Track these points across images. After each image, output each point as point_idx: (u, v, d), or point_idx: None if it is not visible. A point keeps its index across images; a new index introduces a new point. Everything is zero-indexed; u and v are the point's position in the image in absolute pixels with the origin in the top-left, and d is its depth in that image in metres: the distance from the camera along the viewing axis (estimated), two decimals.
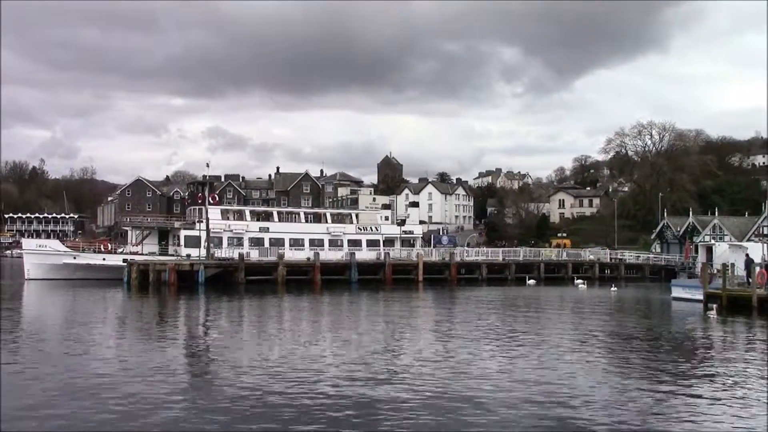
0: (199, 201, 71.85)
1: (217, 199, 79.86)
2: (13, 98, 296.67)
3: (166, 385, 20.31)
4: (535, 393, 19.38)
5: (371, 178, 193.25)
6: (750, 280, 42.40)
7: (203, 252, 65.70)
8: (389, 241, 77.26)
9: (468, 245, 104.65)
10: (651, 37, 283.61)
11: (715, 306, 40.00)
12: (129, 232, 73.04)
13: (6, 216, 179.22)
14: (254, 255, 68.33)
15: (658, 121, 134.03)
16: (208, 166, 76.27)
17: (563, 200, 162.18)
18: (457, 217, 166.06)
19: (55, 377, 21.30)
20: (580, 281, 66.66)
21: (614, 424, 16.46)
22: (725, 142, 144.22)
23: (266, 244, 70.92)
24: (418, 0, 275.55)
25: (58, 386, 20.01)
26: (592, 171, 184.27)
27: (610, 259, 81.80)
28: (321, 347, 27.87)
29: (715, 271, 48.15)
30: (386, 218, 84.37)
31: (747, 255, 51.40)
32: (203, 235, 66.61)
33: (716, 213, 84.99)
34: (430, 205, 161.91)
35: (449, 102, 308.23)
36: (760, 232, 77.03)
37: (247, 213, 75.94)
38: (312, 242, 73.09)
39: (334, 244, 74.25)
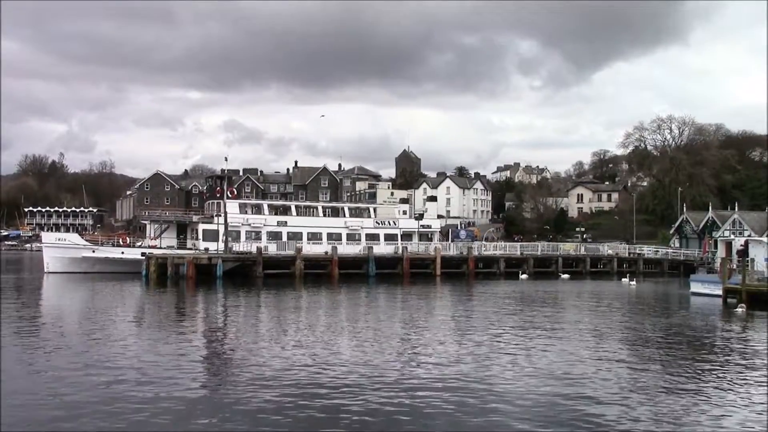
0: (218, 195, 71.97)
1: (236, 193, 79.80)
2: (29, 92, 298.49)
3: (182, 378, 20.43)
4: (560, 389, 19.38)
5: (389, 172, 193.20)
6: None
7: (221, 246, 65.90)
8: (407, 236, 77.14)
9: (486, 239, 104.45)
10: (671, 29, 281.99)
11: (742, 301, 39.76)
12: (147, 226, 73.31)
13: (25, 210, 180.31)
14: (272, 249, 68.40)
15: (677, 115, 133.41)
16: (226, 159, 76.38)
17: (582, 195, 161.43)
18: (475, 211, 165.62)
19: (69, 370, 21.46)
20: (565, 275, 68.66)
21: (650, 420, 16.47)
22: (745, 136, 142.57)
23: (284, 238, 70.97)
24: None
25: (72, 379, 20.17)
26: (610, 165, 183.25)
27: (629, 253, 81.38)
28: (339, 342, 27.91)
29: (735, 266, 47.80)
30: (404, 212, 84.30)
31: (741, 245, 51.35)
32: (221, 228, 66.81)
33: (736, 208, 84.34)
34: (448, 199, 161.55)
35: (467, 95, 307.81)
36: None
37: (265, 207, 75.98)
38: (330, 236, 73.10)
39: (352, 238, 74.26)
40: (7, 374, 20.60)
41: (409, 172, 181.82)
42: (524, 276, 67.31)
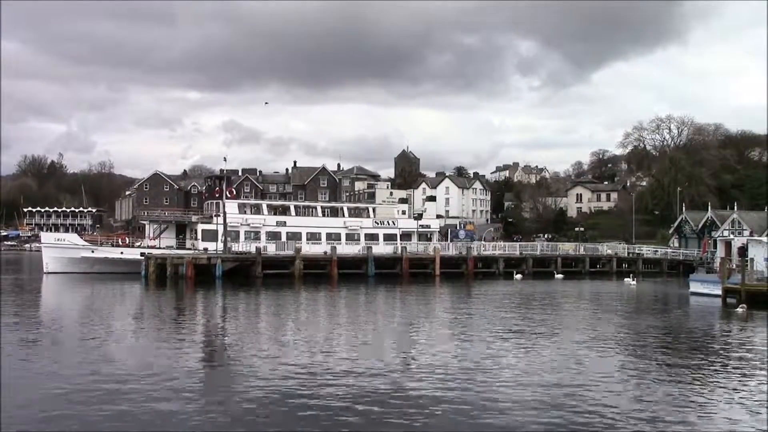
0: (217, 195, 71.89)
1: (235, 193, 79.69)
2: (29, 92, 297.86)
3: (181, 380, 20.43)
4: (559, 389, 19.39)
5: (388, 172, 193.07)
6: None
7: (220, 246, 65.88)
8: (406, 235, 77.11)
9: (484, 239, 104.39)
10: (670, 29, 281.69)
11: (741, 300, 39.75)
12: (147, 226, 73.23)
13: (25, 210, 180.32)
14: (271, 249, 68.41)
15: (676, 115, 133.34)
16: (225, 160, 76.51)
17: (581, 194, 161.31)
18: (474, 211, 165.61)
19: (69, 372, 21.45)
20: (559, 275, 68.32)
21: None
22: (745, 136, 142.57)
23: (283, 238, 70.99)
24: None
25: (71, 381, 20.15)
26: (609, 165, 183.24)
27: (628, 253, 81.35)
28: (338, 343, 27.93)
29: (734, 266, 47.78)
30: (403, 212, 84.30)
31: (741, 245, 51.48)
32: (220, 229, 66.78)
33: (735, 208, 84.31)
34: (447, 199, 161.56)
35: (466, 95, 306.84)
36: None
37: (264, 207, 75.90)
38: (329, 236, 73.10)
39: (351, 238, 74.25)
40: (7, 375, 20.58)
41: (408, 172, 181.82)
42: (518, 276, 66.89)
